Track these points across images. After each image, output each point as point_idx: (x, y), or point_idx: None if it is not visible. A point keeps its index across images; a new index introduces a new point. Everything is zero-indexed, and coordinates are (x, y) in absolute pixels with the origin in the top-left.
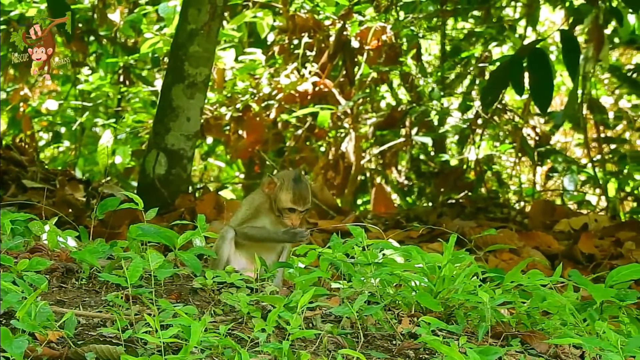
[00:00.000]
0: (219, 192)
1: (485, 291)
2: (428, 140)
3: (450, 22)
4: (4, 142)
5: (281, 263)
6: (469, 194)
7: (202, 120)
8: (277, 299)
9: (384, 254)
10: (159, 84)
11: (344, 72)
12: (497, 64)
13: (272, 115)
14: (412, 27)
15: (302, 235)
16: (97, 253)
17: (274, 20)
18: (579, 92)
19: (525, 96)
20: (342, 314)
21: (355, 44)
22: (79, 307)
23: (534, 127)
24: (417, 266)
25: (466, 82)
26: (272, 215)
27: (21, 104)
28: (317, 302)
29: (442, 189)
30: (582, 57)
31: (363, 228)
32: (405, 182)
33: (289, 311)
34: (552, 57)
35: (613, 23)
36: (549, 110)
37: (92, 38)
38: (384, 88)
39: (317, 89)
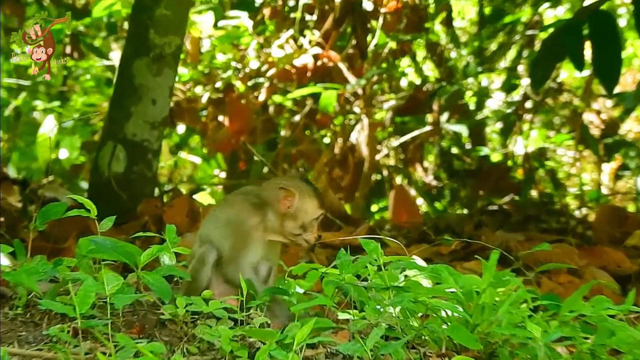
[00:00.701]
0: (194, 196)
1: (536, 323)
2: (462, 129)
3: None
4: None
5: (274, 289)
6: (516, 198)
7: (171, 104)
8: (268, 333)
9: (405, 276)
10: (116, 56)
11: (354, 42)
12: (550, 30)
13: (262, 97)
14: None
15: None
16: (36, 274)
17: None
18: None
19: (586, 72)
20: (352, 352)
21: (368, 5)
22: (13, 343)
23: (598, 112)
24: (448, 291)
25: (511, 54)
26: (272, 237)
27: None
28: (319, 337)
29: (480, 192)
30: None
31: (379, 242)
32: (434, 182)
33: (283, 349)
34: (622, 22)
35: None
36: (616, 90)
37: None
38: (404, 62)
39: (319, 63)
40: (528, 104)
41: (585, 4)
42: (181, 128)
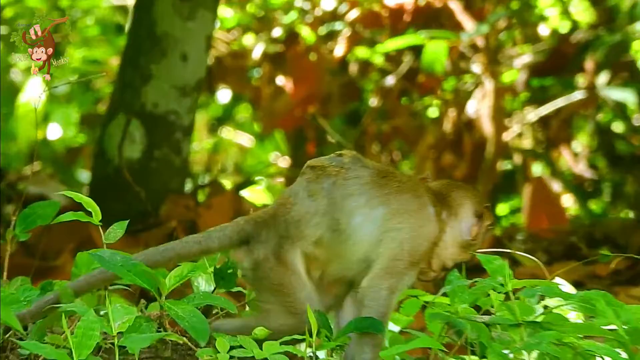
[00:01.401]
0: (241, 192)
1: None
2: (628, 97)
3: None
4: None
5: (358, 325)
6: None
7: (210, 60)
8: None
9: (545, 307)
10: None
11: None
12: None
13: (340, 51)
14: None
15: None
16: (16, 304)
17: None
18: None
19: None
20: None
21: None
22: None
23: None
24: (606, 329)
25: None
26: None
27: None
28: None
29: None
30: None
31: (507, 258)
32: (587, 174)
33: None
34: None
35: None
36: None
37: None
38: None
39: (421, 1)
40: None
41: None
42: (224, 95)
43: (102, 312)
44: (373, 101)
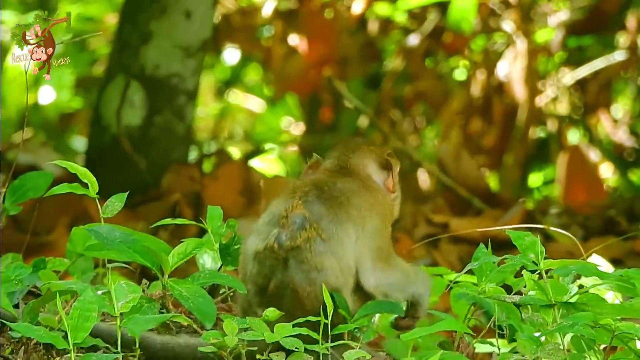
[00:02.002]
0: (250, 162)
1: None
2: None
3: None
4: None
5: (379, 303)
6: None
7: (216, 18)
8: None
9: (580, 286)
10: None
11: None
12: None
13: (358, 8)
14: None
15: None
16: (5, 283)
17: None
18: None
19: None
20: None
21: None
22: None
23: None
24: None
25: None
26: None
27: None
28: None
29: None
30: None
31: (539, 234)
32: (628, 142)
33: None
34: None
35: None
36: None
37: None
38: None
39: None
40: None
41: None
42: (232, 56)
43: (100, 292)
44: (395, 62)
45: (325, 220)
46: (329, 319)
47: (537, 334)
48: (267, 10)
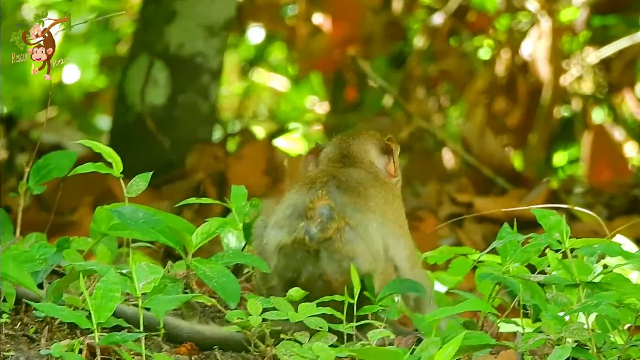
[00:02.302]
0: (275, 141)
1: None
2: None
3: None
4: None
5: (402, 282)
6: None
7: None
8: (390, 354)
9: (605, 266)
10: None
11: None
12: None
13: None
14: None
15: None
16: (29, 263)
17: None
18: None
19: None
20: None
21: None
22: None
23: None
24: None
25: None
26: None
27: None
28: None
29: None
30: None
31: (564, 213)
32: None
33: None
34: None
35: None
36: None
37: None
38: None
39: None
40: None
41: None
42: (256, 34)
43: (124, 272)
44: (419, 41)
45: (349, 208)
46: (355, 298)
47: (561, 314)
48: None
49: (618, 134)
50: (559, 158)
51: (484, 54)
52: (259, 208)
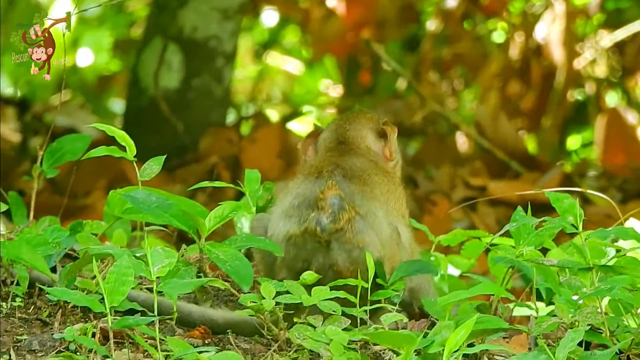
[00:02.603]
0: (288, 124)
1: None
2: None
3: None
4: None
5: (416, 263)
6: None
7: None
8: (403, 337)
9: (618, 250)
10: None
11: None
12: None
13: None
14: None
15: None
16: (43, 246)
17: None
18: None
19: None
20: None
21: None
22: (8, 352)
23: None
24: None
25: None
26: None
27: None
28: (483, 344)
29: None
30: None
31: (577, 196)
32: None
33: None
34: None
35: None
36: None
37: None
38: None
39: None
40: None
41: None
42: (270, 17)
43: (137, 255)
44: (433, 25)
45: (357, 197)
46: (369, 282)
47: (574, 298)
48: None
49: (632, 117)
50: (573, 141)
51: (498, 37)
52: (272, 191)
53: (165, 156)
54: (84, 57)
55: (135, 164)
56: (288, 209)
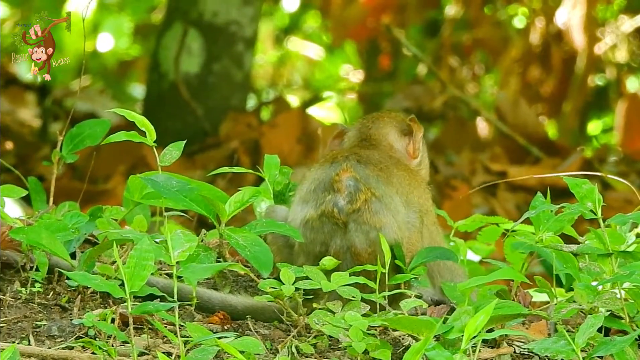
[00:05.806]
0: (309, 109)
1: None
2: None
3: None
4: None
5: (436, 249)
6: None
7: None
8: (422, 323)
9: (638, 235)
10: None
11: None
12: None
13: None
14: None
15: None
16: (63, 231)
17: None
18: None
19: None
20: (554, 353)
21: None
22: (27, 338)
23: None
24: None
25: None
26: None
27: None
28: (502, 330)
29: None
30: None
31: (598, 181)
32: None
33: (446, 348)
34: None
35: None
36: None
37: None
38: None
39: None
40: None
41: None
42: (291, 2)
43: (157, 240)
44: (453, 10)
45: (372, 180)
46: (387, 268)
47: (594, 283)
48: None
49: None
50: (593, 127)
51: (519, 22)
52: (289, 176)
53: (185, 141)
54: (105, 42)
55: (155, 149)
56: (305, 194)
